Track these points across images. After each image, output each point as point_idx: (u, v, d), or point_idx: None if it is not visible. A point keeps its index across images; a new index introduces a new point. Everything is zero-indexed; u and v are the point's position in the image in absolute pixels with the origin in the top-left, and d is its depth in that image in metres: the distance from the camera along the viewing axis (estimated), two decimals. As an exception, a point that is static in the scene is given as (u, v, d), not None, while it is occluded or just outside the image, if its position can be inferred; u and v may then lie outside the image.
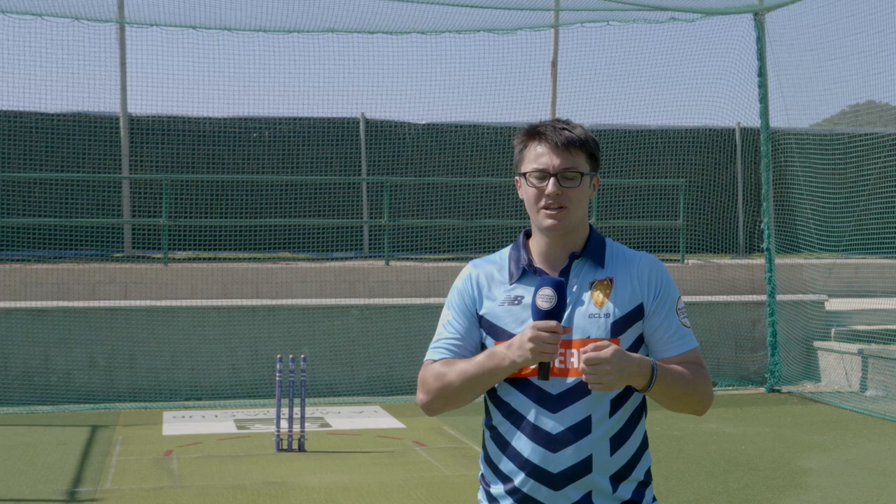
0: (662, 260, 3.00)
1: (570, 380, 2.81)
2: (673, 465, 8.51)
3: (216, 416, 11.04)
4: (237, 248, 15.18)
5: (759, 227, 13.35)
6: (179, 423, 10.60)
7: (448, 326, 2.96)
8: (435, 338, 2.99)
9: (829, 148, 14.10)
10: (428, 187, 16.25)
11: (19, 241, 14.51)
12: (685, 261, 15.06)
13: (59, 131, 15.36)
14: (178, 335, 12.07)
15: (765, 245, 12.84)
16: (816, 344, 13.11)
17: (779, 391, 12.57)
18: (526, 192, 2.92)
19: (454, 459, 8.88)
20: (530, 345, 2.69)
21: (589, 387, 2.69)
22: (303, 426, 9.18)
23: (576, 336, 2.81)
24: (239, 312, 12.36)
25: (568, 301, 2.81)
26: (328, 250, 15.60)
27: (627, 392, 2.86)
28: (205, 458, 8.87)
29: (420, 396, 2.95)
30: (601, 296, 2.86)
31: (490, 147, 16.67)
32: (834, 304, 13.67)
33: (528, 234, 3.01)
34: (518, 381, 2.85)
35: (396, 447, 9.40)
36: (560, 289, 2.72)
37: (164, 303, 12.47)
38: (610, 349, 2.66)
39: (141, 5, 13.67)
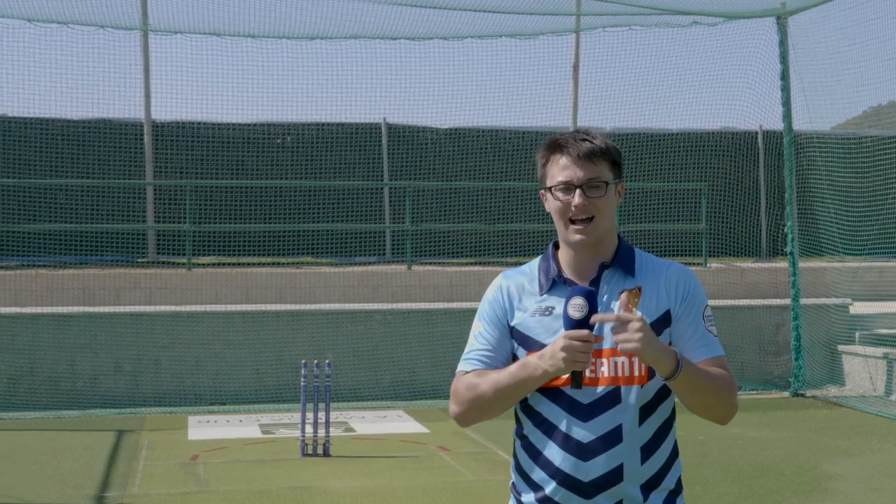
0: (685, 264, 3.01)
1: (601, 389, 2.83)
2: (698, 471, 8.49)
3: (241, 420, 11.09)
4: (260, 253, 15.24)
5: (783, 230, 13.31)
6: (204, 427, 10.66)
7: (479, 338, 2.97)
8: (466, 349, 3.00)
9: (853, 151, 14.05)
10: (450, 192, 16.28)
11: (45, 247, 14.62)
12: (708, 264, 15.01)
13: (83, 138, 15.47)
14: (202, 340, 12.14)
15: (788, 248, 12.79)
16: (841, 348, 13.06)
17: (803, 395, 12.52)
18: (552, 205, 2.94)
19: (478, 464, 8.90)
20: (562, 354, 2.71)
21: (618, 347, 2.69)
22: (328, 431, 9.21)
23: (606, 345, 2.83)
24: (263, 317, 12.42)
25: (599, 310, 2.83)
26: (351, 255, 15.65)
27: (657, 401, 2.88)
28: (231, 463, 8.92)
29: (453, 408, 2.96)
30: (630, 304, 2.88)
31: (512, 151, 16.68)
32: (858, 308, 13.60)
33: (556, 245, 3.02)
34: (549, 391, 2.86)
35: (421, 452, 9.42)
36: (591, 298, 2.73)
37: (188, 308, 12.54)
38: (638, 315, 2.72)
39: (164, 13, 13.77)
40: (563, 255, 2.98)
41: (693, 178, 16.42)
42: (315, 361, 9.43)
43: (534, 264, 3.03)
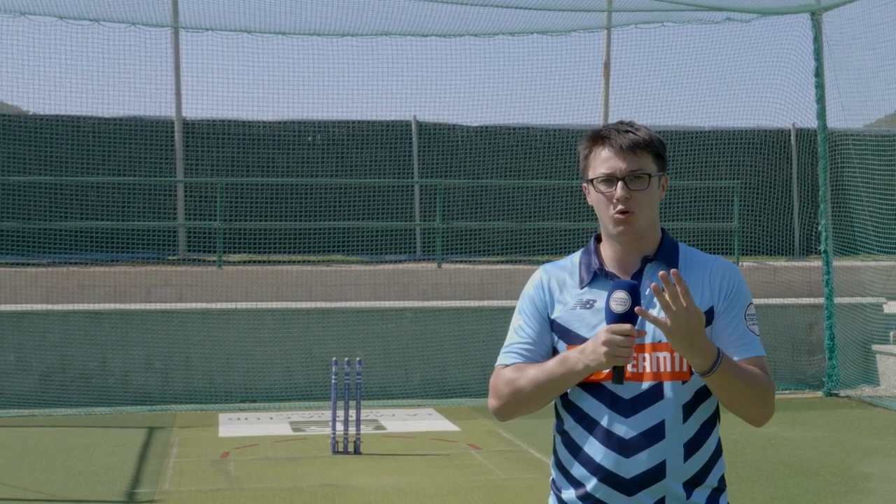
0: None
1: (644, 384, 2.78)
2: (732, 471, 8.37)
3: (271, 418, 11.09)
4: (290, 250, 15.24)
5: (817, 228, 13.18)
6: (235, 424, 10.67)
7: (519, 331, 2.93)
8: (506, 343, 2.96)
9: (888, 148, 13.88)
10: (480, 190, 16.23)
11: (76, 245, 14.68)
12: (740, 263, 14.89)
13: (114, 135, 15.54)
14: (232, 337, 12.16)
15: (822, 247, 12.66)
16: (875, 347, 12.92)
17: (837, 395, 12.39)
18: (595, 198, 2.90)
19: (509, 463, 8.85)
20: (604, 349, 2.66)
21: (665, 319, 2.62)
22: (358, 429, 9.18)
23: (648, 340, 2.78)
24: (293, 315, 12.42)
25: (641, 304, 2.77)
26: (381, 253, 15.64)
27: (700, 397, 2.82)
28: (261, 461, 8.91)
29: (492, 402, 2.92)
30: (674, 299, 2.81)
31: (542, 149, 16.61)
32: (893, 307, 13.44)
33: (598, 239, 2.98)
34: (590, 386, 2.81)
35: (451, 450, 9.39)
36: (634, 292, 2.68)
37: (218, 305, 12.56)
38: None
39: (195, 10, 13.79)
40: (606, 248, 2.93)
41: (725, 176, 16.30)
42: (345, 359, 9.41)
43: (574, 258, 2.98)
